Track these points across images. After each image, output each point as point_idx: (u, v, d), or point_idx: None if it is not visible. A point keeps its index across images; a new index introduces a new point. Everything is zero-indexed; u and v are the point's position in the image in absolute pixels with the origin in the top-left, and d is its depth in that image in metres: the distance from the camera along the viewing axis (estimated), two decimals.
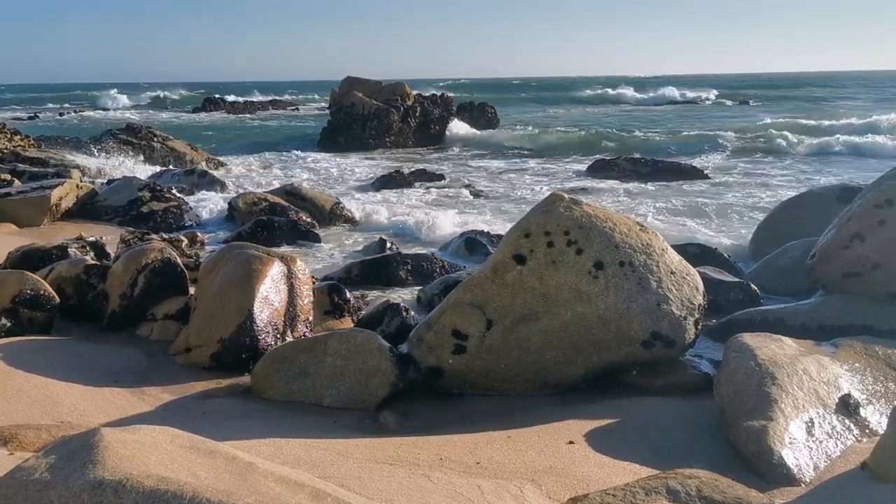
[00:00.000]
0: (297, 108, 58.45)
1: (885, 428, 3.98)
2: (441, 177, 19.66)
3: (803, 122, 31.62)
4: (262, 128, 40.75)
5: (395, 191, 17.68)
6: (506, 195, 17.18)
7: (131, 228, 11.83)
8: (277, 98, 67.72)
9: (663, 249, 5.55)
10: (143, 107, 63.25)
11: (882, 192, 6.25)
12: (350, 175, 21.11)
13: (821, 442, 4.17)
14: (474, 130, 31.44)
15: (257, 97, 67.82)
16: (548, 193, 6.07)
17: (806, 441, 4.13)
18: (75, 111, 52.48)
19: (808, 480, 3.92)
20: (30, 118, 48.20)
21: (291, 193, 14.67)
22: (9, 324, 6.36)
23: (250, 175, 20.58)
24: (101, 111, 55.81)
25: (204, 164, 21.72)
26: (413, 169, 20.40)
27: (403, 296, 8.21)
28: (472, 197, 16.86)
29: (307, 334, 6.14)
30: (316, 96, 71.07)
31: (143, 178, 16.50)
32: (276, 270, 6.19)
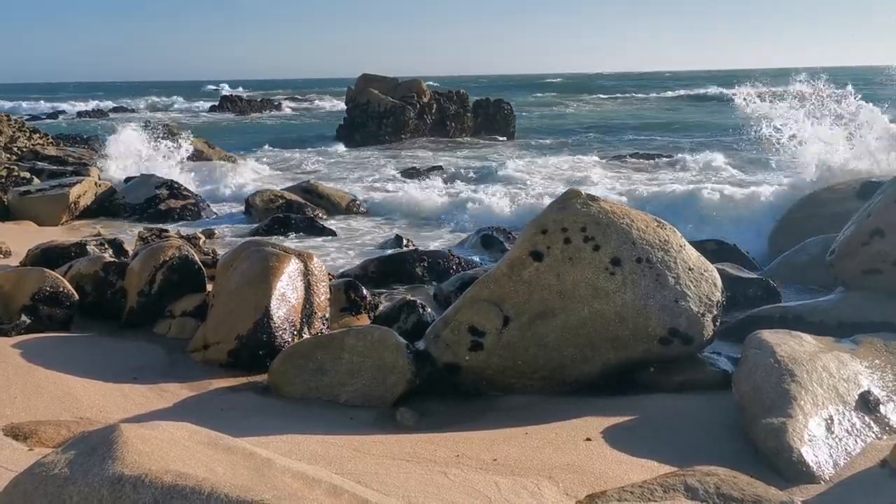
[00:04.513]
0: (314, 105, 58.58)
1: None
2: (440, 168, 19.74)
3: None
4: (278, 125, 40.89)
5: (412, 185, 17.68)
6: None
7: (149, 225, 11.91)
8: (294, 95, 67.89)
9: (681, 246, 5.52)
10: (160, 105, 63.47)
11: None
12: (366, 171, 21.13)
13: (840, 439, 4.14)
14: None
15: (273, 94, 68.01)
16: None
17: (825, 438, 4.10)
18: (91, 114, 52.76)
19: (827, 478, 3.89)
20: (49, 116, 48.63)
21: (308, 190, 14.74)
22: (28, 321, 6.42)
23: (267, 172, 20.64)
24: (120, 111, 56.02)
25: (221, 161, 21.81)
26: (430, 165, 20.44)
27: (420, 293, 8.21)
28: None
29: (324, 331, 6.15)
30: (332, 93, 71.17)
31: (160, 175, 16.60)
32: (292, 267, 6.21)
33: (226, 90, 79.87)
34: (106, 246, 8.75)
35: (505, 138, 31.02)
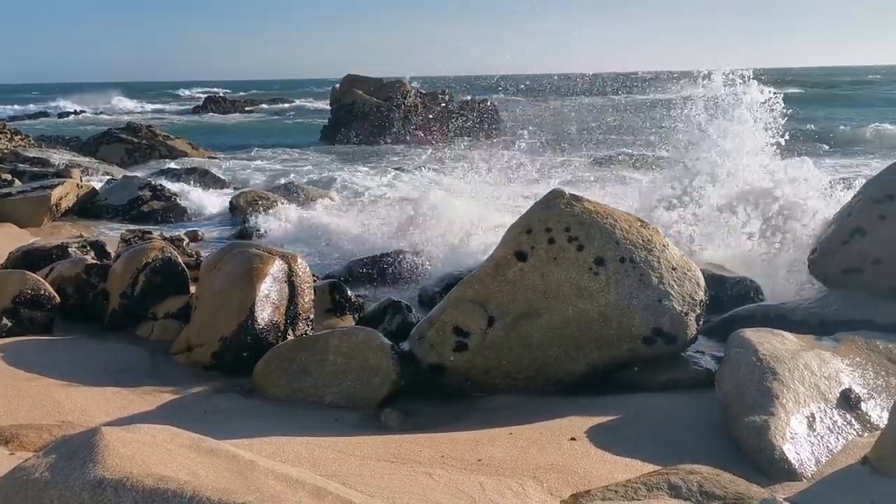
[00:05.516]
0: (299, 106, 58.42)
1: (886, 422, 3.99)
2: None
3: None
4: (263, 125, 40.77)
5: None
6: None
7: (132, 227, 11.84)
8: (279, 96, 67.75)
9: (664, 245, 5.54)
10: (144, 107, 62.77)
11: (882, 187, 6.24)
12: (350, 171, 21.07)
13: (822, 437, 4.17)
14: None
15: (258, 95, 67.78)
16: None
17: (807, 436, 4.13)
18: (76, 113, 52.32)
19: (809, 475, 3.91)
20: (30, 118, 48.25)
21: (291, 191, 14.71)
22: (10, 324, 6.37)
23: (251, 173, 20.56)
24: (104, 114, 55.46)
25: (205, 162, 21.72)
26: (415, 165, 20.45)
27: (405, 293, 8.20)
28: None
29: (308, 333, 6.13)
30: (316, 94, 70.92)
31: (143, 177, 16.51)
32: (276, 269, 6.18)
33: (196, 93, 78.82)
34: (88, 248, 8.69)
35: (490, 138, 31.03)
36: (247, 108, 54.93)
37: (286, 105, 60.18)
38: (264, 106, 57.69)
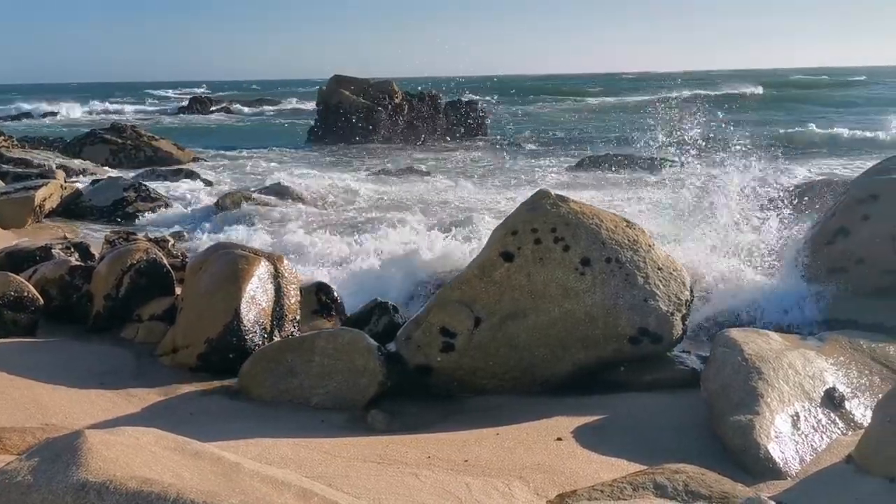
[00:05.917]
0: (285, 107, 58.21)
1: (869, 421, 4.02)
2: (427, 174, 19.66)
3: None
4: (250, 126, 40.63)
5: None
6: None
7: (116, 228, 11.76)
8: (265, 97, 67.50)
9: (650, 245, 5.56)
10: (126, 108, 62.13)
11: (866, 188, 6.29)
12: (338, 172, 21.03)
13: (806, 435, 4.19)
14: None
15: (244, 96, 67.49)
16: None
17: (792, 435, 4.15)
18: (53, 114, 51.87)
19: (793, 474, 3.94)
20: (13, 118, 47.83)
21: (278, 192, 14.69)
22: None
23: (238, 173, 20.49)
24: (85, 114, 54.93)
25: (190, 163, 21.63)
26: (401, 167, 20.43)
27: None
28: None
29: (295, 334, 6.11)
30: (302, 94, 70.67)
31: (128, 178, 16.41)
32: (262, 270, 6.16)
33: (180, 93, 78.15)
34: (72, 249, 8.62)
35: (476, 139, 31.04)
36: (232, 109, 54.67)
37: (272, 106, 59.87)
38: (247, 109, 57.31)
